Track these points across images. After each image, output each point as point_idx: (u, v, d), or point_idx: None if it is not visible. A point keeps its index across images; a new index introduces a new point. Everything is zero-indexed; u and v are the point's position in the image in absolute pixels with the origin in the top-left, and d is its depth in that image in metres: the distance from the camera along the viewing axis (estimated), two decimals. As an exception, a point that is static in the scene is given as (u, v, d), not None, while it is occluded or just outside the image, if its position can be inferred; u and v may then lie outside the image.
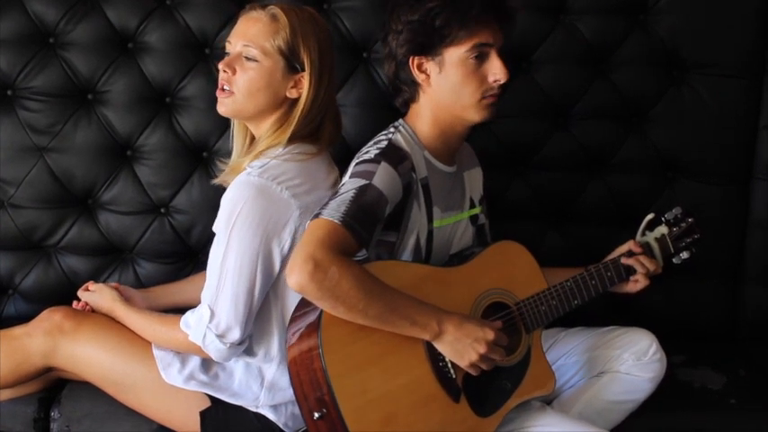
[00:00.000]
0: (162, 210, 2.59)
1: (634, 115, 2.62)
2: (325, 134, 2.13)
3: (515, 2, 2.04)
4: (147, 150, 2.56)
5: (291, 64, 2.04)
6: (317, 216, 1.87)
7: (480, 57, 1.99)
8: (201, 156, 2.58)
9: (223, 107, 2.08)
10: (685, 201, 2.49)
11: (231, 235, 1.98)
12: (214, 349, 2.01)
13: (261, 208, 1.97)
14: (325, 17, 2.51)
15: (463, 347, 1.88)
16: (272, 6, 2.05)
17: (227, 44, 2.08)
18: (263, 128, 2.09)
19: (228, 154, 2.23)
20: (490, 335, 1.89)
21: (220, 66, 2.06)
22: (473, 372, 1.92)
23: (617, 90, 2.59)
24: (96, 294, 2.23)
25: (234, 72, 2.04)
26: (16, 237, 2.58)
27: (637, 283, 2.19)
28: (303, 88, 2.06)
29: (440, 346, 1.89)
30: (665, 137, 2.61)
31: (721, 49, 2.58)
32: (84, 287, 2.27)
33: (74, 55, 2.53)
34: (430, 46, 1.99)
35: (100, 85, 2.54)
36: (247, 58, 2.03)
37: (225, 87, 2.06)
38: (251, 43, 2.02)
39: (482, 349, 1.88)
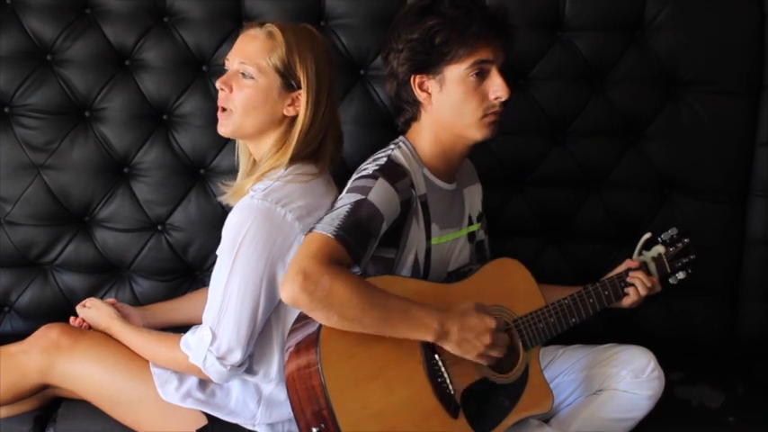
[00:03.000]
0: (159, 227, 2.59)
1: (631, 132, 2.63)
2: (326, 154, 2.13)
3: (515, 19, 2.06)
4: (144, 168, 2.56)
5: (288, 82, 2.05)
6: (311, 230, 1.89)
7: (481, 74, 2.00)
8: (199, 173, 2.59)
9: (223, 128, 2.09)
10: (682, 217, 2.53)
11: (236, 259, 1.97)
12: (214, 371, 2.01)
13: (265, 232, 1.98)
14: (322, 34, 2.51)
15: (470, 344, 1.89)
16: (269, 24, 2.06)
17: (225, 62, 2.10)
18: (264, 148, 2.10)
19: (226, 172, 2.24)
20: (492, 323, 1.90)
21: (217, 84, 2.07)
22: (483, 361, 1.93)
23: (614, 107, 2.60)
24: (93, 310, 2.22)
25: (231, 90, 2.06)
26: (13, 254, 2.57)
27: (628, 298, 2.20)
28: (300, 106, 2.06)
29: (445, 345, 1.90)
30: (662, 154, 2.61)
31: (718, 66, 2.60)
32: (82, 303, 2.27)
33: (71, 72, 2.53)
34: (430, 64, 2.01)
35: (97, 103, 2.54)
36: (244, 76, 2.05)
37: (222, 105, 2.07)
38: (247, 61, 2.04)
39: (487, 340, 1.89)
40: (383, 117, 2.57)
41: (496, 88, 2.01)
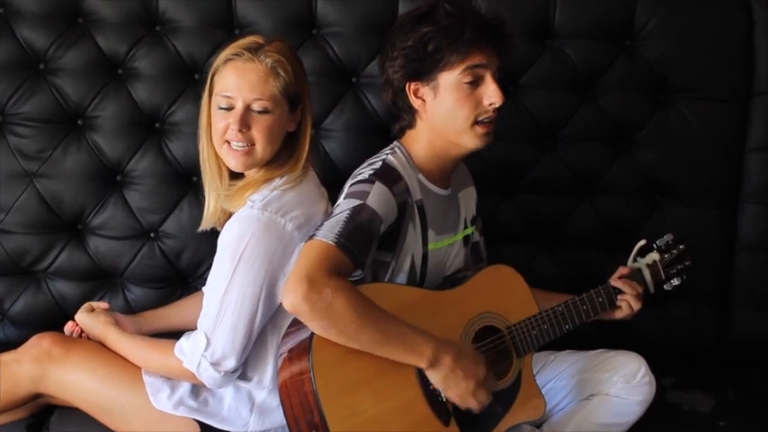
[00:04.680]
0: (151, 234, 2.59)
1: (621, 139, 2.63)
2: (308, 155, 2.14)
3: (510, 27, 2.06)
4: (137, 175, 2.55)
5: (293, 104, 2.06)
6: (311, 237, 1.88)
7: (475, 81, 2.00)
8: (191, 180, 2.58)
9: (242, 165, 2.06)
10: (674, 223, 2.54)
11: (236, 270, 1.97)
12: (208, 377, 2.01)
13: (266, 243, 1.97)
14: (314, 43, 2.56)
15: (455, 380, 1.88)
16: (264, 55, 2.01)
17: (223, 98, 2.03)
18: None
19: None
20: (482, 373, 1.89)
21: (236, 126, 2.01)
22: (460, 405, 1.91)
23: (605, 114, 2.61)
24: (91, 316, 2.21)
25: (249, 128, 2.02)
26: (6, 262, 2.57)
27: (621, 310, 2.20)
28: (304, 118, 2.09)
29: (431, 374, 1.89)
30: (652, 160, 2.62)
31: (708, 73, 2.61)
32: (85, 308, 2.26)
33: (64, 81, 2.53)
34: (424, 71, 2.01)
35: (90, 111, 2.54)
36: (259, 112, 2.02)
37: (243, 144, 2.03)
38: (263, 96, 2.01)
39: (472, 386, 1.88)
40: (374, 124, 2.57)
41: (490, 94, 2.01)
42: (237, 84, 2.02)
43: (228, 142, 2.05)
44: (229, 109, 2.03)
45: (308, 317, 1.80)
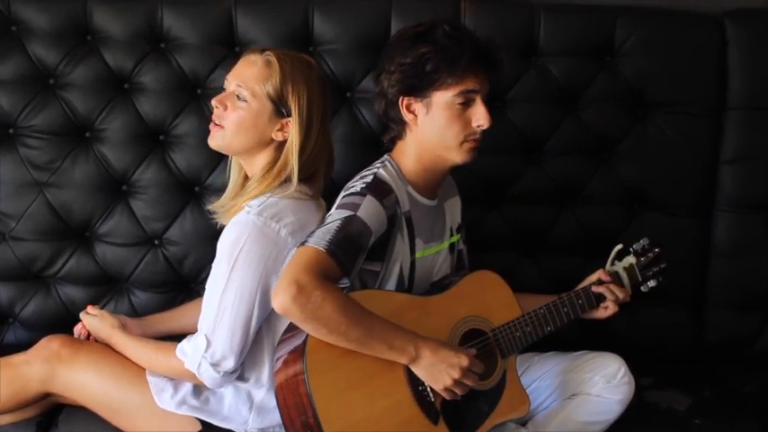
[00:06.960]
0: (156, 241, 2.58)
1: (602, 151, 2.63)
2: (320, 177, 2.15)
3: (502, 53, 2.06)
4: (142, 185, 2.55)
5: (278, 108, 2.06)
6: (303, 243, 1.88)
7: (466, 103, 2.00)
8: (193, 190, 2.58)
9: (213, 141, 2.11)
10: (651, 232, 2.50)
11: (232, 272, 1.98)
12: (208, 377, 2.01)
13: (260, 247, 1.98)
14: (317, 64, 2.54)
15: (438, 372, 1.88)
16: (270, 52, 2.07)
17: (225, 81, 2.12)
18: (256, 168, 2.11)
19: (220, 189, 2.24)
20: (464, 361, 1.89)
21: (213, 101, 2.09)
22: (447, 396, 1.92)
23: (586, 128, 2.60)
24: (97, 319, 2.22)
25: (225, 108, 2.07)
26: (17, 267, 2.56)
27: (607, 310, 2.20)
28: (289, 132, 2.07)
29: (416, 370, 1.89)
30: (631, 171, 2.62)
31: (683, 88, 2.61)
32: (85, 310, 2.27)
33: (73, 95, 2.52)
34: (419, 88, 2.01)
35: (97, 124, 2.53)
36: (238, 98, 2.06)
37: (216, 121, 2.08)
38: (243, 84, 2.05)
39: (456, 374, 1.88)
40: (368, 137, 2.57)
41: (479, 117, 2.01)
42: (235, 70, 2.11)
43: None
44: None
45: (298, 318, 1.81)
